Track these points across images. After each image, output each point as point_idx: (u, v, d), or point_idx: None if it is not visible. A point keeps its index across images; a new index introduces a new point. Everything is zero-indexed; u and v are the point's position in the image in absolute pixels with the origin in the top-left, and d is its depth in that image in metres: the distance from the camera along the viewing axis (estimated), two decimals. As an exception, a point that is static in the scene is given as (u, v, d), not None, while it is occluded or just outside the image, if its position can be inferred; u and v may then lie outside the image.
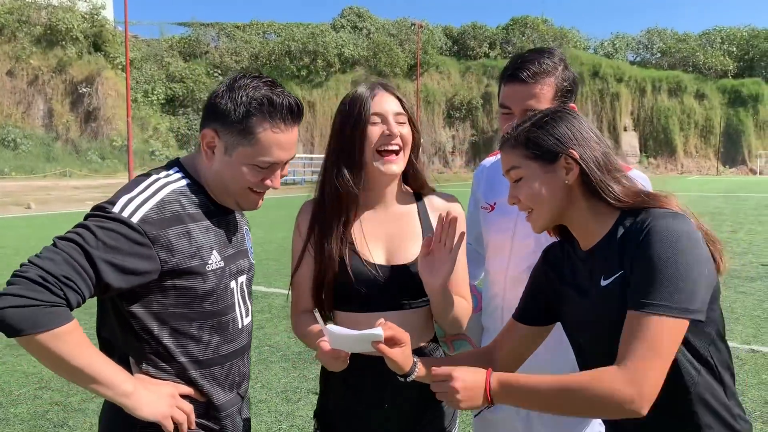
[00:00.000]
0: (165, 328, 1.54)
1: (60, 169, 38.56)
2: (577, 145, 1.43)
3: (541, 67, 1.81)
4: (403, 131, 1.70)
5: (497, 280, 2.03)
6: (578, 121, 1.47)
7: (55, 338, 1.32)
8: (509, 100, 1.84)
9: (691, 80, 60.26)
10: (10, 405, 4.26)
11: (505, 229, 2.00)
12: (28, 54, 45.24)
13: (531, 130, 1.46)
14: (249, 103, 1.52)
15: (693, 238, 1.31)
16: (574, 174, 1.43)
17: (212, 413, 1.64)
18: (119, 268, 1.40)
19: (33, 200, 21.45)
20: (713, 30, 63.63)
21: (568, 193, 1.45)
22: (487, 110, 54.23)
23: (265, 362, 5.10)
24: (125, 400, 1.44)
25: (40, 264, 1.32)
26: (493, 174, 2.10)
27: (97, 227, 1.40)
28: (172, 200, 1.53)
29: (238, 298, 1.68)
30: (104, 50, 47.73)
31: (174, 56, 52.18)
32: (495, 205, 2.06)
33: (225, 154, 1.56)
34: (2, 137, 41.91)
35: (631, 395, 1.23)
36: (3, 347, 5.50)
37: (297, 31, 54.13)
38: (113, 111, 45.41)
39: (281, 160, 1.57)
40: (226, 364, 1.65)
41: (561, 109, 1.51)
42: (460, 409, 1.44)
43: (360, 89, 1.75)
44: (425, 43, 53.29)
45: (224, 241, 1.63)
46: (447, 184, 37.27)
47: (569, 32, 62.23)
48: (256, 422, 3.96)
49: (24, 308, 1.28)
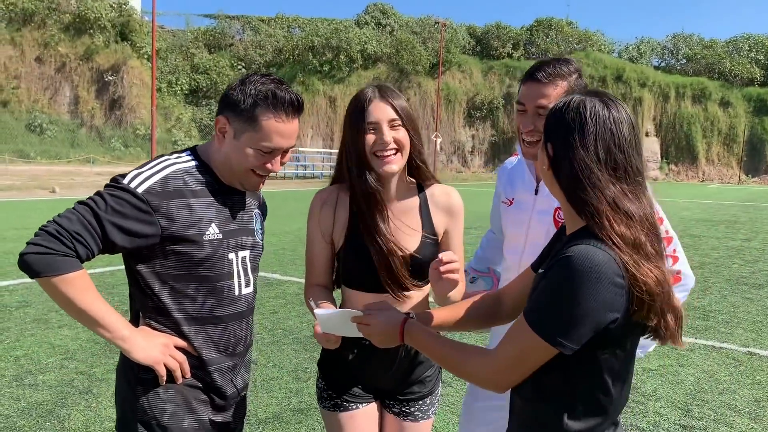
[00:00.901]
0: (165, 286, 1.79)
1: (84, 155, 39.23)
2: (564, 139, 1.38)
3: (556, 71, 1.98)
4: (398, 135, 1.89)
5: (511, 268, 2.21)
6: (605, 114, 1.37)
7: (65, 282, 1.61)
8: (524, 97, 2.01)
9: (716, 87, 59.60)
10: (38, 373, 4.55)
11: (521, 223, 2.19)
12: (56, 41, 46.01)
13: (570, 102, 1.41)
14: (256, 95, 1.75)
15: (601, 277, 1.26)
16: (545, 162, 1.44)
17: (204, 367, 1.85)
18: (123, 229, 1.67)
19: (57, 185, 21.93)
20: (740, 37, 62.80)
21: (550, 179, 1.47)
22: (508, 111, 54.09)
23: (278, 344, 5.35)
24: (122, 343, 1.71)
25: (58, 221, 1.63)
26: (513, 172, 2.32)
27: (108, 195, 1.69)
28: (176, 177, 1.78)
29: (239, 269, 1.89)
30: (131, 39, 48.37)
31: (199, 47, 52.72)
32: (513, 200, 2.26)
33: (234, 138, 1.80)
34: (29, 122, 42.74)
35: (493, 385, 1.43)
36: (31, 321, 5.80)
37: (321, 26, 54.38)
38: (137, 100, 46.07)
39: (281, 147, 1.80)
40: (220, 325, 1.87)
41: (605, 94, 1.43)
42: (378, 346, 1.68)
43: (360, 96, 1.94)
44: (448, 42, 53.28)
45: (226, 217, 1.86)
46: (465, 183, 37.32)
47: (594, 35, 61.80)
48: (267, 397, 4.21)
49: (41, 255, 1.59)
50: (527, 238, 2.16)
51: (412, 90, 52.48)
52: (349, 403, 2.04)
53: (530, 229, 2.15)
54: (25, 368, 4.64)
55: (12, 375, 4.51)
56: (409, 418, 2.09)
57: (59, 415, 3.88)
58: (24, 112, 43.52)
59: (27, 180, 24.51)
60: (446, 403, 4.23)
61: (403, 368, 2.04)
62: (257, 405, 4.10)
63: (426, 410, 2.12)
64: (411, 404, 2.09)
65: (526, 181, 2.23)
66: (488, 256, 2.56)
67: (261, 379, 4.55)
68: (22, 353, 4.97)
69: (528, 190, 2.21)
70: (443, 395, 4.35)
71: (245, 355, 2.00)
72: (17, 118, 43.00)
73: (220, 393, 1.89)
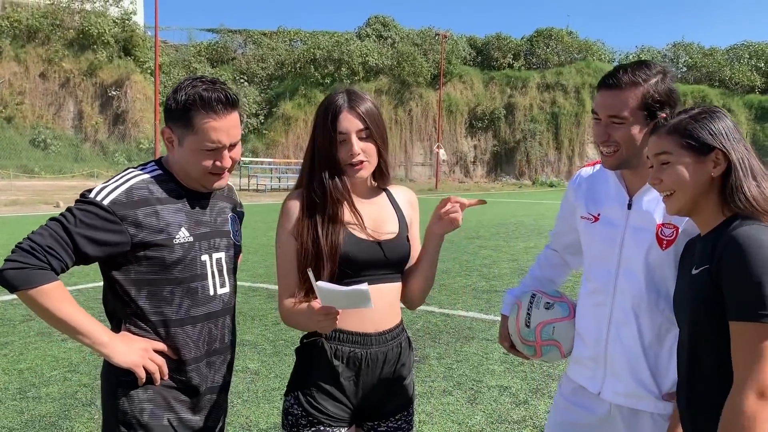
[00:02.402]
0: (142, 291, 1.87)
1: (88, 169, 39.36)
2: (730, 143, 1.58)
3: (628, 77, 1.85)
4: (366, 146, 1.95)
5: (604, 290, 2.00)
6: (732, 123, 1.62)
7: (41, 293, 1.72)
8: (597, 106, 1.91)
9: (717, 95, 59.63)
10: (42, 385, 4.59)
11: (611, 241, 1.99)
12: (60, 57, 46.29)
13: (690, 122, 1.61)
14: (186, 99, 1.83)
15: None
16: (721, 169, 1.58)
17: (181, 367, 1.92)
18: (93, 240, 1.77)
19: (61, 199, 22.03)
20: (741, 45, 62.90)
21: (708, 185, 1.60)
22: (509, 121, 54.18)
23: (280, 355, 5.39)
24: (102, 348, 1.80)
25: (32, 237, 1.74)
26: (594, 184, 2.11)
27: (77, 209, 1.79)
28: (140, 187, 1.87)
29: (213, 270, 1.96)
30: (134, 54, 48.67)
31: (202, 62, 53.02)
32: (599, 215, 2.04)
33: (180, 145, 1.89)
34: (33, 137, 42.95)
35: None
36: (35, 334, 5.85)
37: (322, 39, 54.62)
38: (141, 114, 46.28)
39: (223, 143, 1.87)
40: (197, 325, 1.94)
41: (716, 108, 1.65)
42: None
43: (330, 104, 1.96)
44: (449, 53, 53.49)
45: (196, 221, 1.94)
46: (468, 193, 37.36)
47: (594, 45, 61.88)
48: (269, 407, 4.24)
49: (17, 270, 1.70)
50: (621, 257, 1.96)
51: (414, 101, 52.60)
52: (333, 427, 1.92)
53: (624, 247, 1.95)
54: (28, 381, 4.68)
55: (16, 388, 4.55)
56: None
57: (62, 427, 3.91)
58: (28, 128, 43.73)
59: (31, 195, 24.63)
60: (447, 411, 4.25)
61: (390, 373, 1.99)
62: (259, 415, 4.13)
63: (410, 420, 2.09)
64: (397, 419, 2.04)
65: (613, 195, 2.02)
66: (547, 275, 2.37)
67: (263, 389, 4.58)
68: (25, 366, 5.01)
69: (618, 205, 1.99)
70: (444, 403, 4.38)
71: (222, 354, 2.04)
72: (21, 133, 43.21)
73: (196, 392, 1.95)
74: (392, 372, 2.01)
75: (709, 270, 1.54)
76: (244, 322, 6.43)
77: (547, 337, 2.09)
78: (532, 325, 2.10)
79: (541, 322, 2.09)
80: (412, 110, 52.38)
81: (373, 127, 1.95)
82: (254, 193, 31.59)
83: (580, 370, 2.09)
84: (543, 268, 2.39)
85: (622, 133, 1.86)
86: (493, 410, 4.30)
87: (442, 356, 5.46)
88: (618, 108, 1.85)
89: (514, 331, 2.16)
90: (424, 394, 4.54)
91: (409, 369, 2.07)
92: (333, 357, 1.92)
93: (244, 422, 4.02)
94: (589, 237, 2.07)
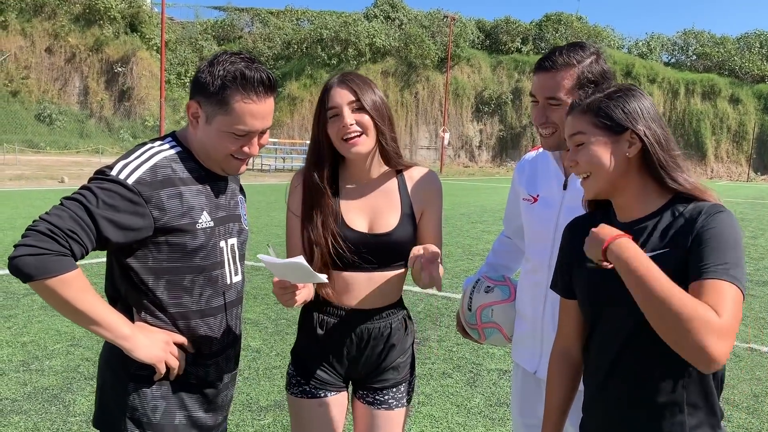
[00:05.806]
0: (160, 280, 1.70)
1: (93, 145, 39.42)
2: (644, 123, 1.51)
3: (563, 58, 1.86)
4: (360, 118, 1.91)
5: (539, 269, 2.04)
6: (648, 101, 1.54)
7: (62, 283, 1.50)
8: (534, 88, 1.92)
9: (726, 84, 59.18)
10: (45, 359, 4.63)
11: (547, 221, 2.02)
12: (66, 32, 46.16)
13: (603, 101, 1.53)
14: (225, 76, 1.66)
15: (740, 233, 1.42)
16: (636, 148, 1.50)
17: (199, 361, 1.79)
18: (117, 224, 1.58)
19: (66, 174, 22.08)
20: (752, 34, 62.26)
21: (626, 166, 1.52)
22: (516, 106, 53.94)
23: (281, 333, 5.43)
24: (123, 342, 1.62)
25: (49, 219, 1.52)
26: (535, 167, 2.14)
27: (98, 188, 1.58)
28: (164, 165, 1.69)
29: (228, 257, 1.83)
30: (140, 31, 48.49)
31: (208, 39, 52.80)
32: (538, 197, 2.08)
33: (206, 123, 1.71)
34: (39, 112, 42.98)
35: (717, 354, 1.25)
36: (38, 308, 5.89)
37: (330, 19, 54.30)
38: (146, 91, 46.21)
39: (255, 129, 1.71)
40: (218, 316, 1.81)
41: (633, 86, 1.57)
42: None
43: (323, 88, 1.97)
44: (457, 36, 53.08)
45: (216, 204, 1.79)
46: (472, 177, 37.29)
47: (603, 30, 61.42)
48: (269, 385, 4.28)
49: (35, 256, 1.48)
50: (555, 237, 1.96)
51: (421, 84, 52.35)
52: (318, 390, 2.03)
53: (559, 227, 1.94)
54: (31, 354, 4.72)
55: (19, 360, 4.59)
56: (382, 407, 2.06)
57: (64, 399, 3.95)
58: (34, 103, 43.75)
59: (36, 170, 24.69)
60: (446, 393, 4.28)
61: (377, 351, 2.03)
62: (259, 393, 4.16)
63: (400, 398, 2.09)
64: (385, 392, 2.06)
65: (551, 176, 2.06)
66: (502, 262, 2.42)
67: (264, 367, 4.61)
68: (29, 339, 5.05)
69: (555, 186, 2.03)
70: (443, 385, 4.41)
71: (235, 347, 1.95)
72: (27, 108, 43.24)
73: (212, 386, 1.85)
74: (381, 349, 2.04)
75: (674, 252, 1.43)
76: (246, 300, 6.46)
77: (487, 319, 2.13)
78: (473, 309, 2.15)
79: (481, 305, 2.14)
80: (419, 93, 52.15)
81: (366, 98, 1.91)
82: (258, 172, 31.57)
83: (520, 351, 2.14)
84: (497, 255, 2.44)
85: (560, 114, 1.84)
86: (492, 393, 4.33)
87: (443, 339, 5.49)
88: (554, 89, 1.86)
89: (462, 316, 2.23)
90: (423, 375, 4.57)
91: (402, 350, 2.09)
92: (318, 326, 2.03)
93: (244, 399, 4.06)
94: (529, 218, 2.11)
